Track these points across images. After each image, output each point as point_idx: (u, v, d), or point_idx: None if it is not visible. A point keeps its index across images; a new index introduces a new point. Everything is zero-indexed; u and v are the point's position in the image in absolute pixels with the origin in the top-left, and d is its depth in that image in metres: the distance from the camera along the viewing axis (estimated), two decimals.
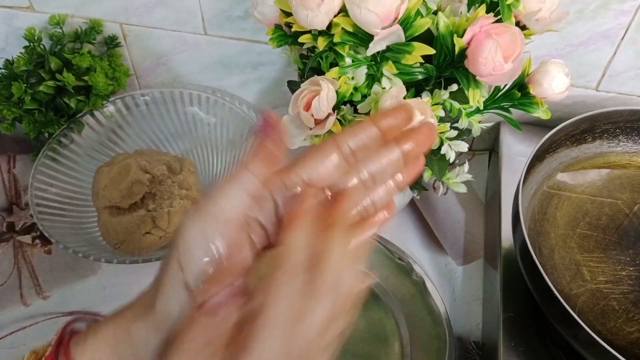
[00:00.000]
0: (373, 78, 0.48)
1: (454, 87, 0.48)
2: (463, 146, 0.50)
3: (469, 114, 0.50)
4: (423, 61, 0.46)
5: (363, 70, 0.47)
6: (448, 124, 0.50)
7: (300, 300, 0.25)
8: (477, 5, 0.47)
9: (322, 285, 0.26)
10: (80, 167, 0.70)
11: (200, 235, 0.27)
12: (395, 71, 0.46)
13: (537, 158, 0.56)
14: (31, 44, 0.69)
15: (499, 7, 0.46)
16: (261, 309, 0.25)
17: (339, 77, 0.47)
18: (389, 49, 0.45)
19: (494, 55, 0.42)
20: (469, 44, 0.44)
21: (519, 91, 0.49)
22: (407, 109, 0.30)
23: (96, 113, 0.72)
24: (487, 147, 0.78)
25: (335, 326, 0.27)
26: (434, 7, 0.47)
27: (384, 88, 0.48)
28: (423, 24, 0.44)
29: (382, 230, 0.63)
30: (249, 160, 0.28)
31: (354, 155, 0.29)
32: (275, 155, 0.29)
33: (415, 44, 0.45)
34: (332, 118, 0.47)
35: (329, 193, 0.28)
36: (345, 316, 0.28)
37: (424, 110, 0.45)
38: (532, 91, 0.48)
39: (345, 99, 0.49)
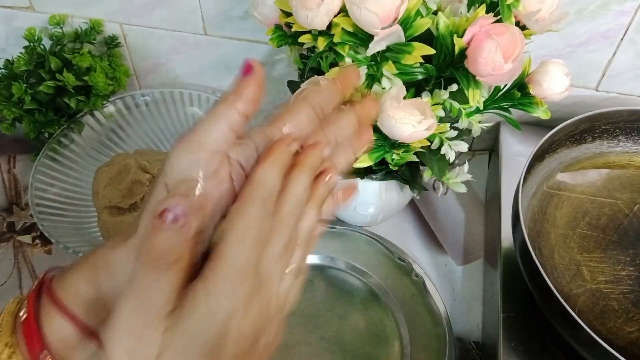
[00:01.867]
0: (373, 78, 0.48)
1: (454, 87, 0.48)
2: (463, 146, 0.50)
3: (469, 114, 0.50)
4: (423, 61, 0.46)
5: (363, 70, 0.47)
6: (448, 124, 0.50)
7: (265, 226, 0.27)
8: (477, 5, 0.47)
9: (283, 216, 0.28)
10: (80, 167, 0.70)
11: (187, 161, 0.28)
12: (395, 71, 0.46)
13: (537, 158, 0.56)
14: (31, 44, 0.69)
15: (498, 7, 0.46)
16: (230, 228, 0.26)
17: None
18: (389, 49, 0.45)
19: (493, 56, 0.42)
20: (468, 44, 0.44)
21: (519, 91, 0.49)
22: (357, 70, 0.37)
23: (96, 113, 0.72)
24: (487, 147, 0.79)
25: (293, 265, 0.30)
26: (434, 7, 0.47)
27: (384, 88, 0.48)
28: (423, 24, 0.44)
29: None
30: (232, 98, 0.29)
31: (322, 112, 0.33)
32: (257, 97, 0.30)
33: (415, 44, 0.45)
34: None
35: (300, 146, 0.31)
36: (303, 258, 0.31)
37: (424, 110, 0.45)
38: (532, 91, 0.48)
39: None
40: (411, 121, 0.44)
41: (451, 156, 0.51)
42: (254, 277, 0.27)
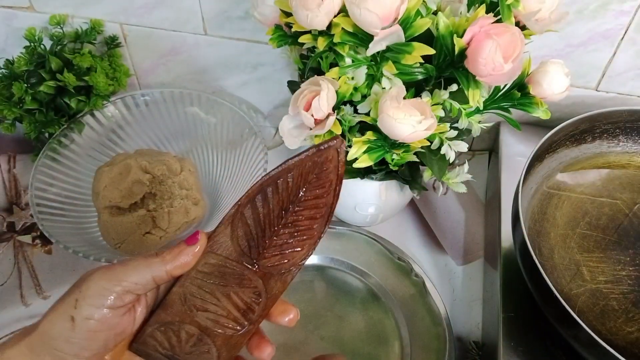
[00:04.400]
0: (373, 78, 0.48)
1: (454, 87, 0.48)
2: (463, 146, 0.50)
3: (469, 114, 0.50)
4: (423, 61, 0.46)
5: (363, 70, 0.47)
6: (448, 124, 0.50)
7: None
8: (476, 5, 0.47)
9: None
10: (80, 167, 0.70)
11: (102, 289, 0.33)
12: (395, 71, 0.46)
13: (537, 158, 0.56)
14: (31, 44, 0.69)
15: (498, 8, 0.46)
16: None
17: (339, 77, 0.47)
18: (388, 49, 0.46)
19: (493, 56, 0.42)
20: (468, 44, 0.44)
21: (519, 91, 0.49)
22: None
23: (96, 113, 0.72)
24: (487, 147, 0.79)
25: None
26: (434, 8, 0.47)
27: (384, 88, 0.48)
28: (423, 24, 0.44)
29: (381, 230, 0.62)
30: (168, 259, 0.35)
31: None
32: (189, 266, 0.35)
33: (415, 44, 0.45)
34: (332, 118, 0.47)
35: None
36: None
37: (424, 110, 0.45)
38: (531, 91, 0.48)
39: (345, 99, 0.49)
40: (411, 121, 0.44)
41: (451, 156, 0.51)
42: None
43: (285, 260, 0.37)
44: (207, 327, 0.36)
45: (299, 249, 0.37)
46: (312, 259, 0.65)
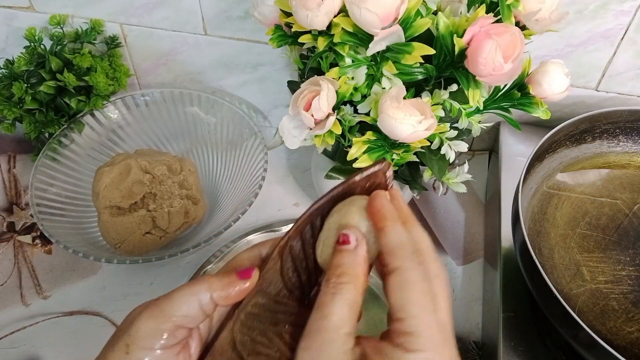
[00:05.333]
0: (373, 78, 0.48)
1: (454, 87, 0.48)
2: (463, 146, 0.50)
3: (469, 114, 0.50)
4: (423, 61, 0.46)
5: (363, 70, 0.47)
6: (448, 124, 0.50)
7: (428, 284, 0.29)
8: (477, 5, 0.47)
9: (437, 267, 0.30)
10: (80, 167, 0.70)
11: (153, 330, 0.30)
12: (395, 71, 0.46)
13: (537, 158, 0.56)
14: (32, 44, 0.69)
15: (498, 7, 0.46)
16: (406, 301, 0.29)
17: (339, 77, 0.47)
18: (388, 49, 0.45)
19: (493, 56, 0.42)
20: (468, 44, 0.44)
21: (519, 91, 0.49)
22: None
23: (96, 113, 0.72)
24: (487, 147, 0.79)
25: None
26: (434, 8, 0.47)
27: (384, 88, 0.48)
28: (423, 24, 0.44)
29: None
30: (216, 286, 0.32)
31: None
32: (236, 299, 0.33)
33: (415, 44, 0.45)
34: (332, 118, 0.47)
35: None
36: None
37: (424, 110, 0.45)
38: (531, 91, 0.48)
39: (345, 99, 0.49)
40: (411, 121, 0.44)
41: (451, 156, 0.51)
42: (445, 331, 0.29)
43: None
44: None
45: None
46: None
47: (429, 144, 0.49)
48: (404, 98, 0.46)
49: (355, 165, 0.48)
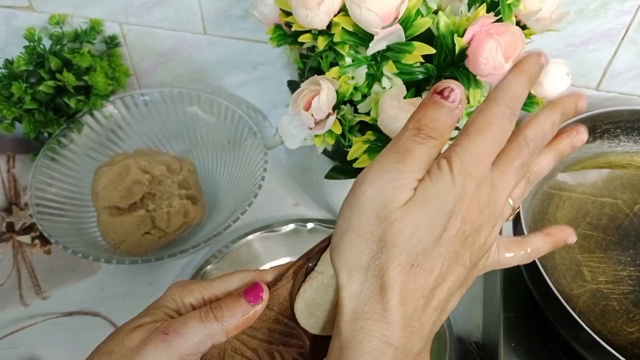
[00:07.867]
0: (373, 78, 0.48)
1: None
2: None
3: (470, 114, 0.50)
4: (423, 61, 0.46)
5: (363, 69, 0.47)
6: None
7: (504, 126, 0.28)
8: (477, 4, 0.46)
9: (527, 136, 0.29)
10: (79, 167, 0.70)
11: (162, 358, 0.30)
12: (396, 71, 0.46)
13: None
14: (31, 43, 0.69)
15: (499, 7, 0.46)
16: (471, 122, 0.28)
17: (339, 77, 0.47)
18: (389, 48, 0.45)
19: (494, 55, 0.42)
20: (469, 43, 0.44)
21: None
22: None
23: (96, 113, 0.72)
24: None
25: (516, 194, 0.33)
26: (434, 7, 0.47)
27: (384, 88, 0.47)
28: (423, 24, 0.44)
29: None
30: (228, 318, 0.31)
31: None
32: (247, 325, 0.32)
33: (416, 43, 0.45)
34: (332, 118, 0.47)
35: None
36: (522, 197, 0.34)
37: None
38: (532, 91, 0.48)
39: (345, 99, 0.48)
40: None
41: None
42: (486, 172, 0.28)
43: None
44: None
45: None
46: None
47: None
48: (405, 98, 0.46)
49: (355, 165, 0.48)
